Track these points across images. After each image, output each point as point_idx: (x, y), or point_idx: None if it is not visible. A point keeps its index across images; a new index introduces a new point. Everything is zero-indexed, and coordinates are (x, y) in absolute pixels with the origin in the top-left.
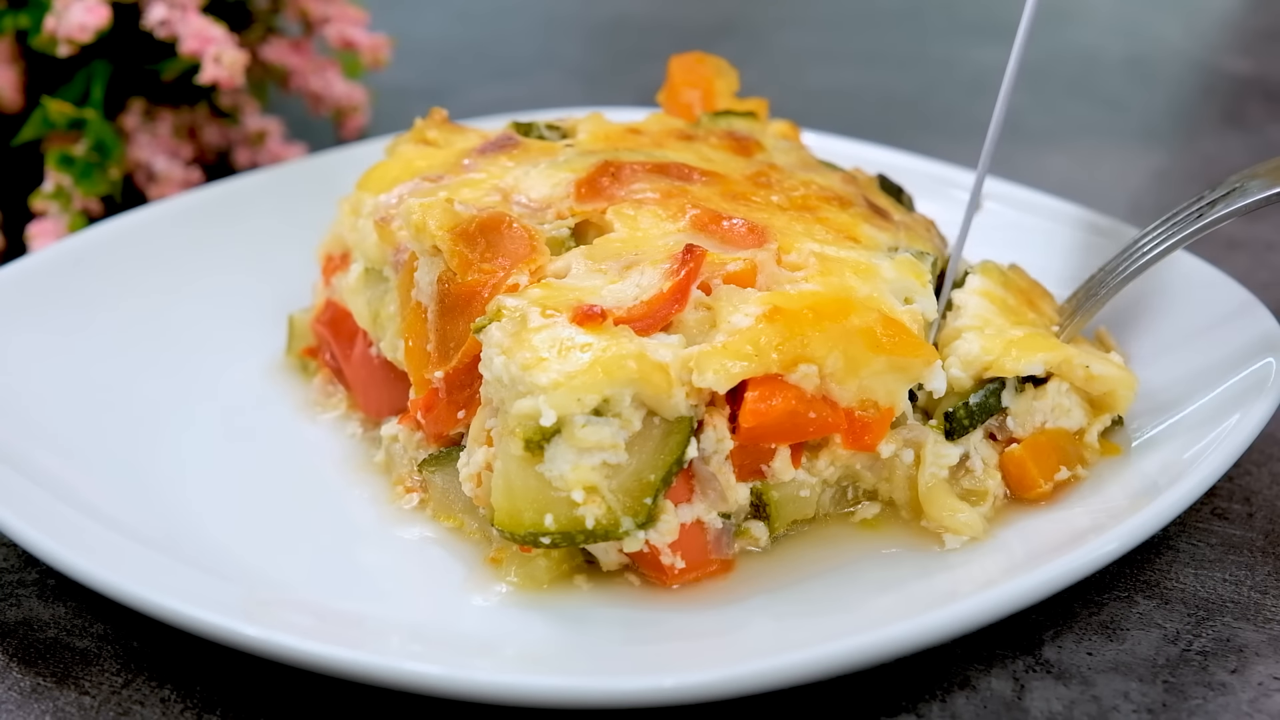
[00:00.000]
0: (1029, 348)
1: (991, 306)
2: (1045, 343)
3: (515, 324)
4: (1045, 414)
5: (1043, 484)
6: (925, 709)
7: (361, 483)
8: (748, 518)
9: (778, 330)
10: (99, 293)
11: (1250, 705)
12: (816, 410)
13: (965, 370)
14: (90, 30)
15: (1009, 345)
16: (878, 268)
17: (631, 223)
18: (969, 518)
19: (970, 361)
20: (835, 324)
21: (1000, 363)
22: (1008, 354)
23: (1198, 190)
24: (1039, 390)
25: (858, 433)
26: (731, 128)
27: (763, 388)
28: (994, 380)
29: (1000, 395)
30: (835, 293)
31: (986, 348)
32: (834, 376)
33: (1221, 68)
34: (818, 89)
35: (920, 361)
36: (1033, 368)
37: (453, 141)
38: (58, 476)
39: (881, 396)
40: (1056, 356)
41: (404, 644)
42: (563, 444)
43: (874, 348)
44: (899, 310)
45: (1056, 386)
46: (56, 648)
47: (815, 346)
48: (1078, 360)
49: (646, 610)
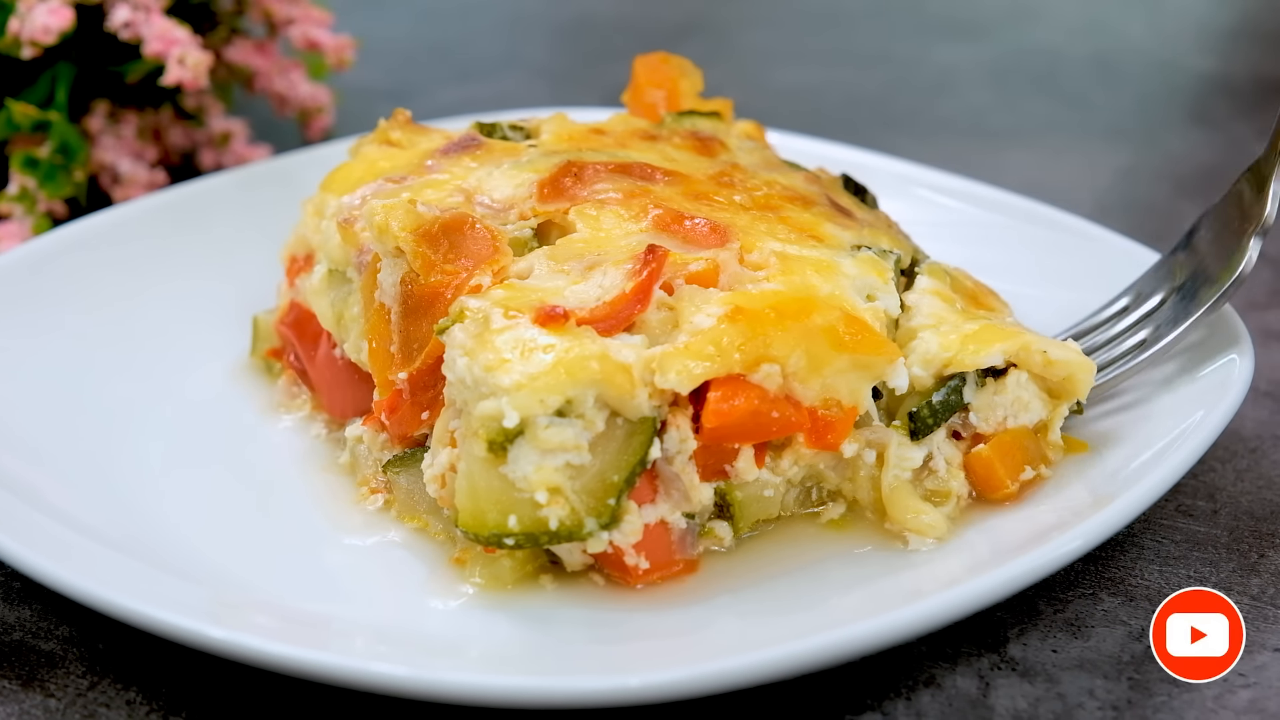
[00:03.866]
0: (986, 339)
1: (944, 305)
2: (1001, 332)
3: (478, 325)
4: (1006, 408)
5: (1009, 485)
6: (891, 707)
7: (326, 484)
8: (712, 518)
9: (739, 330)
10: (64, 295)
11: (1215, 701)
12: (779, 410)
13: (926, 369)
14: (54, 32)
15: (966, 339)
16: (839, 265)
17: (594, 223)
18: (932, 519)
19: (930, 359)
20: (797, 323)
21: (959, 358)
22: (965, 349)
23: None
24: (999, 383)
25: (821, 432)
26: (695, 128)
27: (725, 388)
28: (955, 377)
29: (962, 391)
30: (797, 291)
31: (944, 344)
32: (797, 375)
33: (1186, 66)
34: (782, 88)
35: (883, 359)
36: (991, 358)
37: (416, 142)
38: (22, 479)
39: (845, 395)
40: (1014, 344)
41: (369, 645)
42: (526, 445)
43: (836, 346)
44: (861, 308)
45: (1016, 378)
46: (22, 650)
47: (778, 346)
48: (1035, 346)
49: (611, 610)
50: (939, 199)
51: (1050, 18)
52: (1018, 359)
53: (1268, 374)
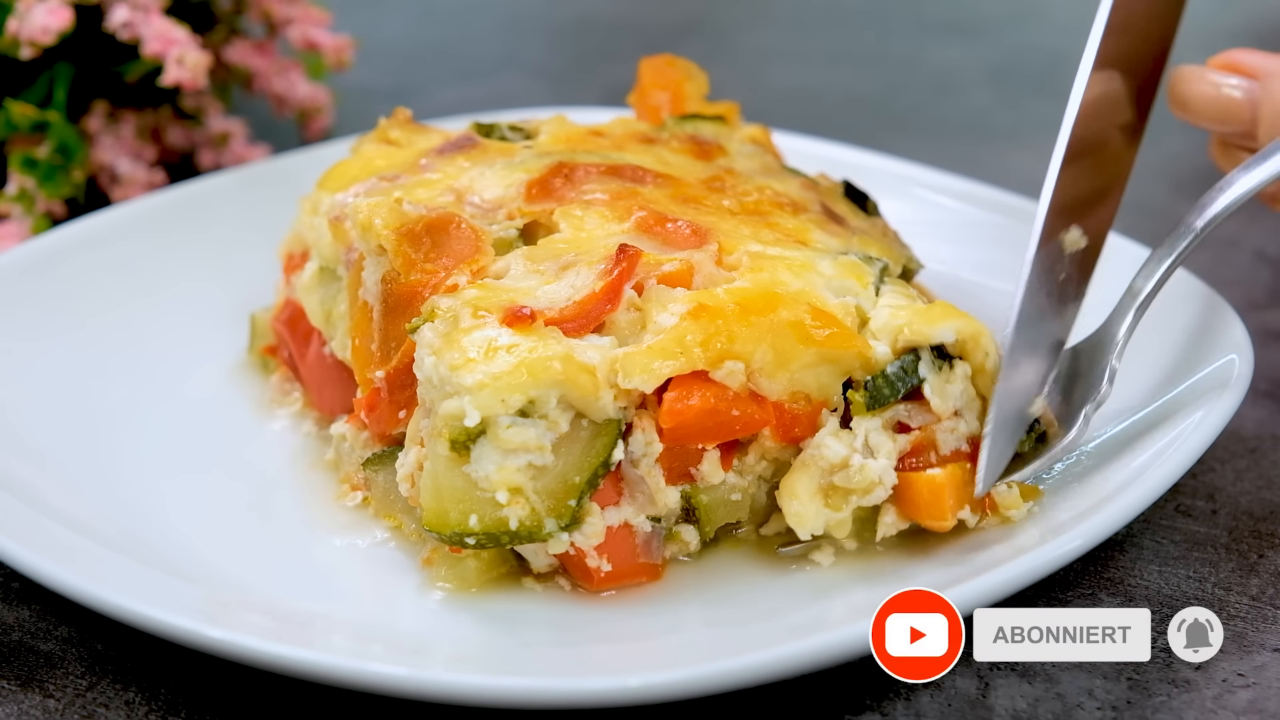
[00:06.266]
0: (942, 315)
1: (905, 299)
2: (957, 313)
3: (447, 324)
4: (956, 399)
5: (949, 517)
6: (890, 707)
7: (314, 481)
8: (678, 521)
9: (701, 327)
10: (63, 295)
11: (1214, 702)
12: (740, 408)
13: (882, 338)
14: (53, 32)
15: (920, 313)
16: (815, 265)
17: (578, 223)
18: (804, 510)
19: (884, 327)
20: (762, 317)
21: (916, 327)
22: (920, 320)
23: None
24: (950, 371)
25: (787, 426)
26: (697, 131)
27: (681, 388)
28: (910, 351)
29: (918, 367)
30: (764, 287)
31: (896, 315)
32: (763, 370)
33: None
34: (782, 88)
35: (852, 353)
36: (944, 334)
37: (415, 141)
38: (19, 478)
39: (814, 389)
40: (969, 327)
41: (364, 645)
42: (488, 445)
43: (804, 340)
44: (832, 303)
45: (961, 370)
46: (21, 651)
47: (741, 341)
48: (985, 340)
49: (579, 612)
50: (939, 199)
51: (1050, 18)
52: (965, 349)
53: (1268, 374)
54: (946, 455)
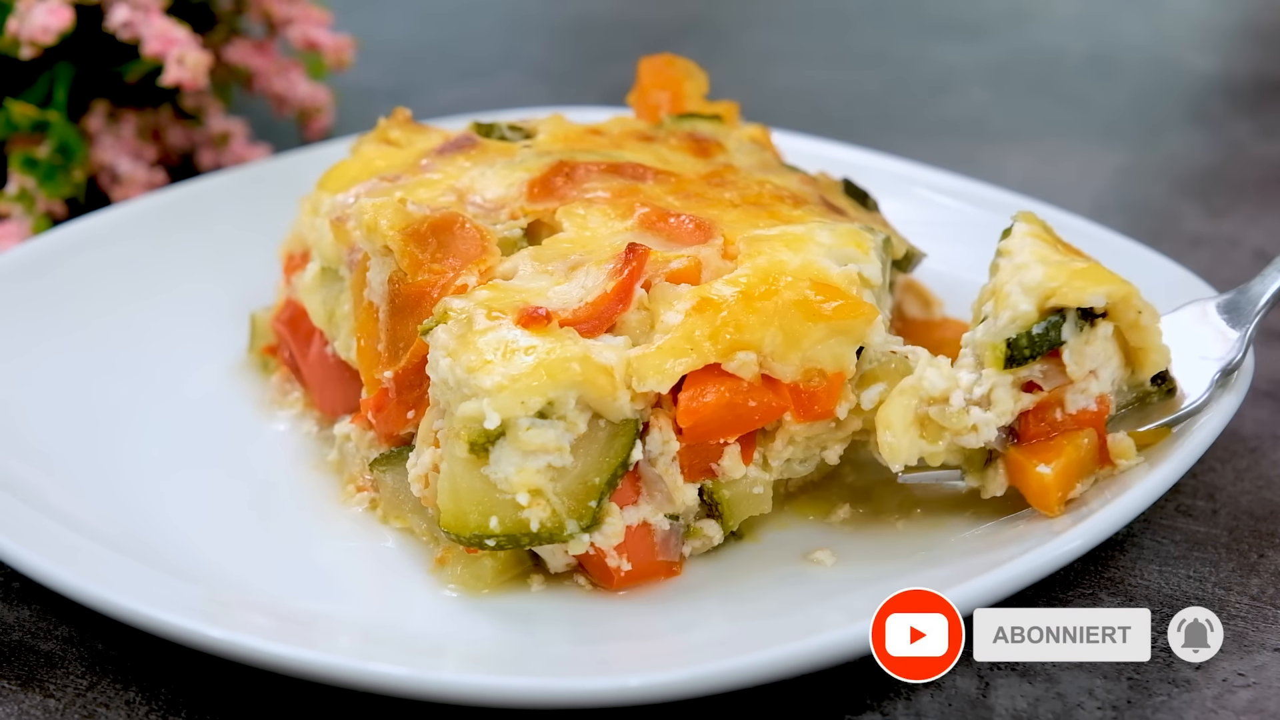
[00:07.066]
0: (1093, 278)
1: (1045, 246)
2: (1109, 275)
3: (461, 326)
4: (1094, 359)
5: (1057, 508)
6: (890, 707)
7: (315, 481)
8: (700, 517)
9: (706, 320)
10: (63, 295)
11: (1215, 701)
12: (756, 398)
13: (1029, 297)
14: (53, 32)
15: (1073, 275)
16: (813, 236)
17: (581, 222)
18: (898, 441)
19: (1033, 288)
20: (766, 301)
21: (1065, 291)
22: (1072, 283)
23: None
24: (1092, 331)
25: (807, 404)
26: (695, 129)
27: (694, 386)
28: (1056, 311)
29: (1061, 329)
30: (763, 271)
31: (1050, 274)
32: (775, 354)
33: (1185, 65)
34: (782, 88)
35: (862, 321)
36: (1096, 298)
37: (415, 141)
38: (20, 478)
39: (828, 363)
40: (1120, 290)
41: (367, 645)
42: (507, 447)
43: (811, 317)
44: (834, 273)
45: (1104, 330)
46: (21, 650)
47: (750, 329)
48: (1136, 300)
49: (597, 610)
50: (939, 199)
51: (1050, 18)
52: (1116, 309)
53: (1268, 374)
54: (1072, 415)
